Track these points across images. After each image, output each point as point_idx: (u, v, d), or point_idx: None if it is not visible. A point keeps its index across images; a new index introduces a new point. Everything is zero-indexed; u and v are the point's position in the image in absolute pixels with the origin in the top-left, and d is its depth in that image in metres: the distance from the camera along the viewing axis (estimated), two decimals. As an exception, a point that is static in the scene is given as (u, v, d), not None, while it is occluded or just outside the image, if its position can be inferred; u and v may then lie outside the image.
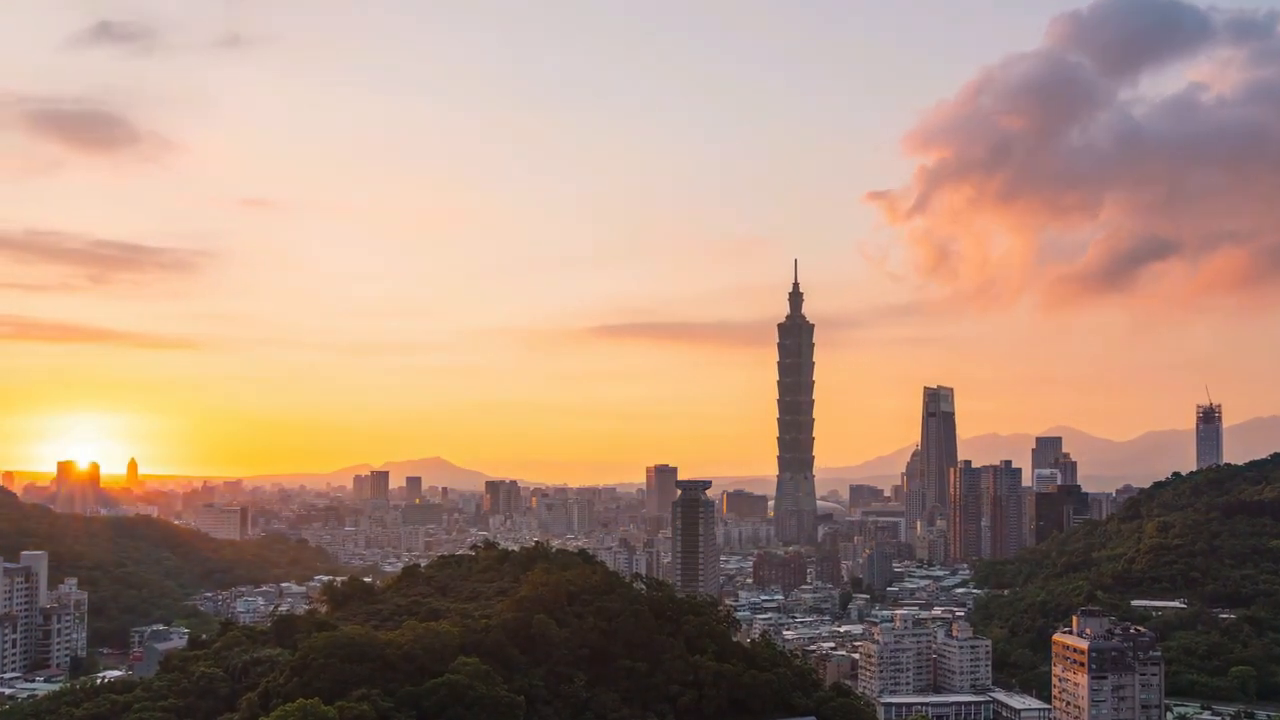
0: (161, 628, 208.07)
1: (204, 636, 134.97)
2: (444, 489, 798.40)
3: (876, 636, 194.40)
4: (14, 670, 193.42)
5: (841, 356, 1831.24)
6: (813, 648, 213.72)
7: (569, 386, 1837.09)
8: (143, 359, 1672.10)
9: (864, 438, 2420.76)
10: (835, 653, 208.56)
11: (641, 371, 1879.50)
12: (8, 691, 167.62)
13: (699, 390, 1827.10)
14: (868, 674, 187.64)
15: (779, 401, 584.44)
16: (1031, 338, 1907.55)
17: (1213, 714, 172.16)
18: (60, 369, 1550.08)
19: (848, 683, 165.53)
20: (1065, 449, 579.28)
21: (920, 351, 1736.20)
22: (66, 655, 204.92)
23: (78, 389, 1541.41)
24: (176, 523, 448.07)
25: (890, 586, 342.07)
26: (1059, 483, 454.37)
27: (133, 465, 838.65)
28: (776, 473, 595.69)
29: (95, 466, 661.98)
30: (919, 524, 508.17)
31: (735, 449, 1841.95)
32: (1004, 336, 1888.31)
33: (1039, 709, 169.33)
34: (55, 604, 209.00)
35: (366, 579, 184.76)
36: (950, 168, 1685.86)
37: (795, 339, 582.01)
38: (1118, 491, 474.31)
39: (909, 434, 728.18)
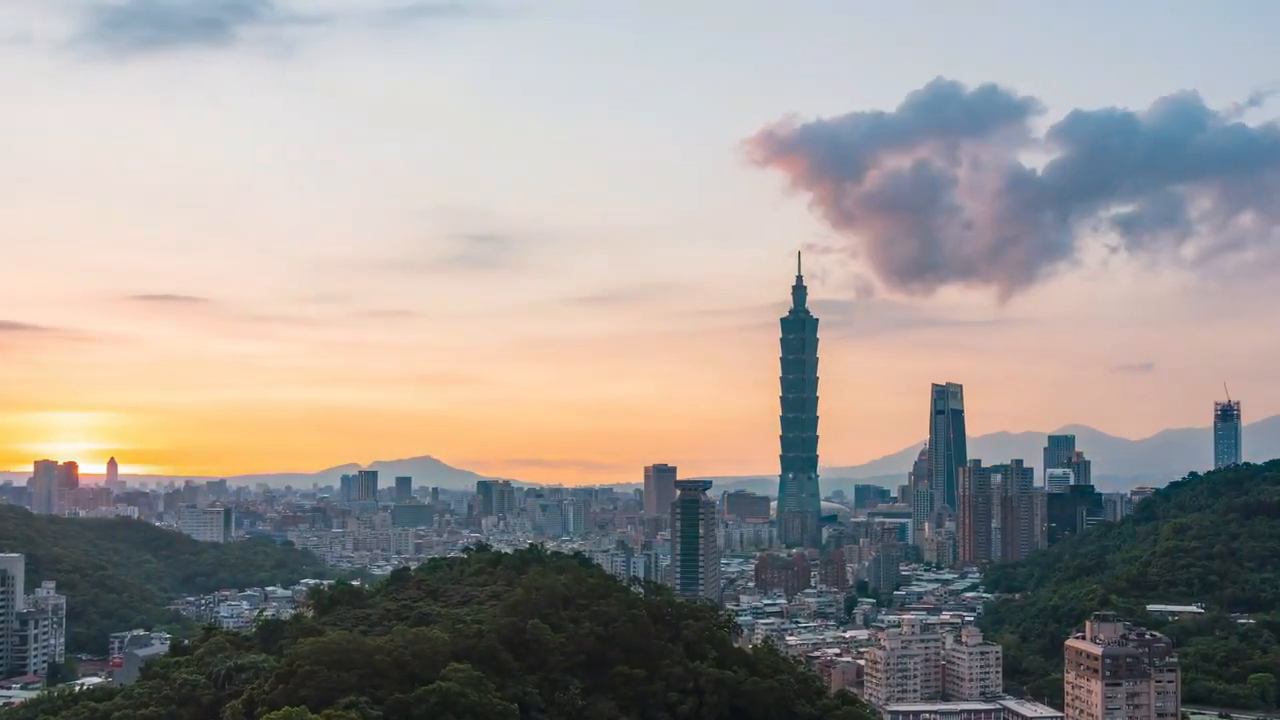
0: (142, 633, 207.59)
1: (186, 642, 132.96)
2: (435, 489, 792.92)
3: (883, 642, 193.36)
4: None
5: (846, 351, 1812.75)
6: (817, 654, 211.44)
7: (564, 383, 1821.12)
8: (123, 355, 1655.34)
9: (870, 436, 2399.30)
10: (840, 659, 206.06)
11: (639, 368, 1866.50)
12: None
13: (698, 387, 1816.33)
14: (874, 681, 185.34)
15: (782, 398, 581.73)
16: (1043, 332, 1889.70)
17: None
18: (37, 365, 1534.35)
19: (853, 690, 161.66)
20: (1079, 448, 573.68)
21: (927, 347, 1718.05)
22: (44, 661, 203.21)
23: (55, 386, 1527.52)
24: (158, 524, 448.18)
25: (897, 590, 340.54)
26: (1072, 483, 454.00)
27: (112, 464, 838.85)
28: (779, 472, 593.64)
29: (73, 465, 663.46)
30: (927, 525, 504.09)
31: (736, 448, 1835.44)
32: (1015, 331, 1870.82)
33: (1051, 717, 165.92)
34: (32, 608, 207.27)
35: (354, 582, 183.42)
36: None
37: (799, 334, 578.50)
38: (1133, 492, 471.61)
39: (916, 432, 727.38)
